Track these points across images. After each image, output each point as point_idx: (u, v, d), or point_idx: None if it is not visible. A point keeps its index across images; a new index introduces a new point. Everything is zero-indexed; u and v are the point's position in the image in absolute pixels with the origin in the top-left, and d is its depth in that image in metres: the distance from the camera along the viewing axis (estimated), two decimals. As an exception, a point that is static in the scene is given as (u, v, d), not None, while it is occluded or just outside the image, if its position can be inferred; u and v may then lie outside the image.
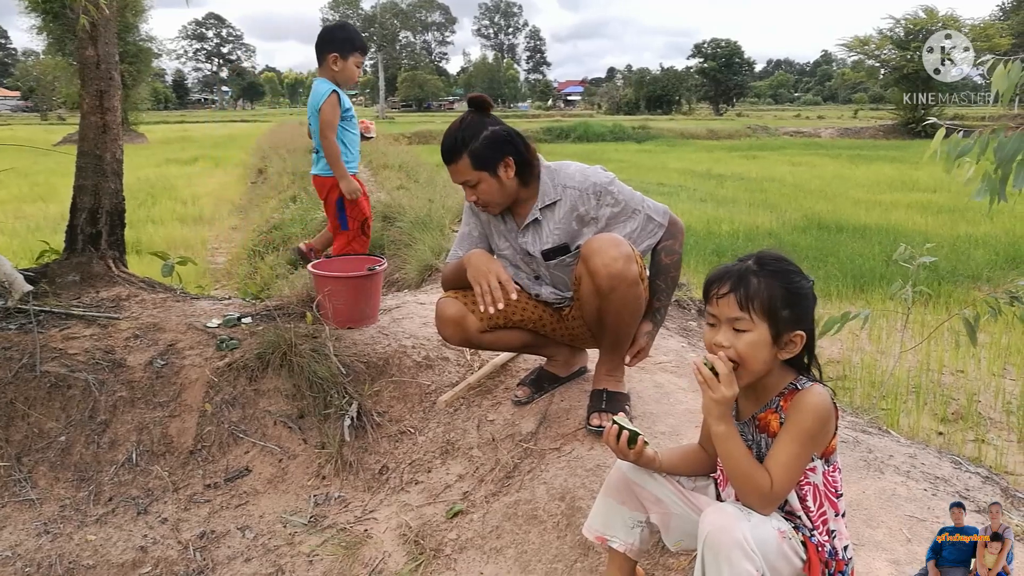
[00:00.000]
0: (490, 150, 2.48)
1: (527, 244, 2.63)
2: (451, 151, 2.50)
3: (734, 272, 1.53)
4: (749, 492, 1.49)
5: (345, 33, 3.94)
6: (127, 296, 3.98)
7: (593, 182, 2.52)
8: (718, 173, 16.92)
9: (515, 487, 2.61)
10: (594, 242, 2.39)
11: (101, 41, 4.08)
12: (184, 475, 3.04)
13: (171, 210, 11.82)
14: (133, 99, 29.03)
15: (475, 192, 2.54)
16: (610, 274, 2.34)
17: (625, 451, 1.64)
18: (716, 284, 1.54)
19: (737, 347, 1.51)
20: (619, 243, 2.38)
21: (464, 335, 2.71)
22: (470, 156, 2.47)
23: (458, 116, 2.55)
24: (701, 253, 7.82)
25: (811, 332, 1.54)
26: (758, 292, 1.49)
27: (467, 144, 2.47)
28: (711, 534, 1.43)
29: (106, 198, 4.17)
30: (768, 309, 1.49)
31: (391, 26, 74.86)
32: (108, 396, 3.18)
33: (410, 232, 6.19)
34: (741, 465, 1.49)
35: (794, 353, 1.53)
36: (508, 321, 2.72)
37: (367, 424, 3.15)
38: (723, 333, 1.53)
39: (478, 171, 2.49)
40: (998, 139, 2.64)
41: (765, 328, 1.49)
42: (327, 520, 2.83)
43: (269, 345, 3.33)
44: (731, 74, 69.66)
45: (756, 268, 1.52)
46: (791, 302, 1.50)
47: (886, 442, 2.65)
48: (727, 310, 1.52)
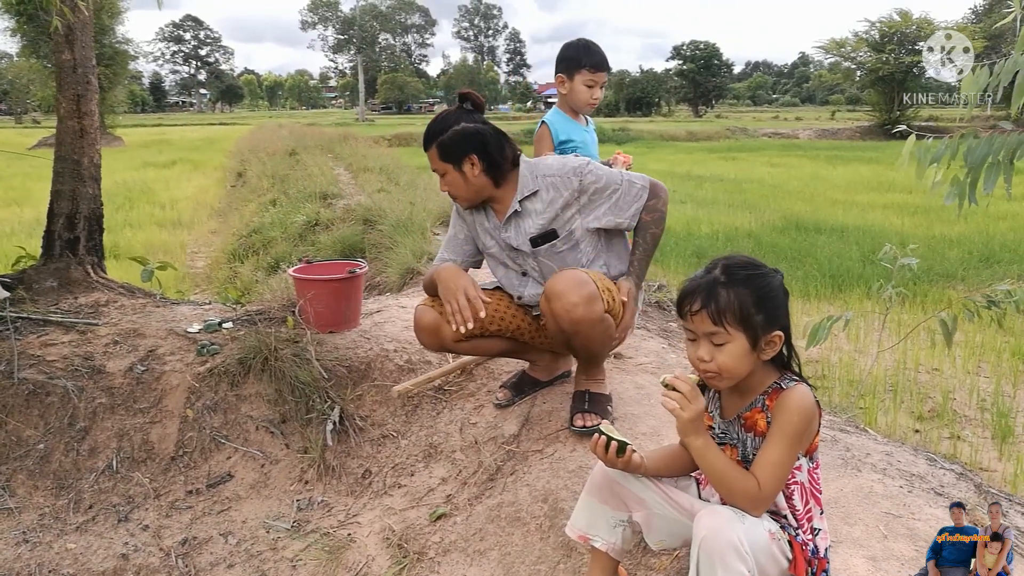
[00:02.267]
0: (456, 145, 2.54)
1: (510, 238, 2.64)
2: (425, 139, 2.60)
3: (702, 286, 1.54)
4: (736, 499, 1.50)
5: (571, 50, 3.21)
6: (106, 302, 3.95)
7: (572, 166, 2.58)
8: (697, 175, 17.02)
9: (498, 489, 2.62)
10: (557, 283, 2.38)
11: (78, 44, 4.05)
12: (165, 481, 3.03)
13: (149, 214, 11.72)
14: (109, 102, 28.72)
15: (443, 182, 2.63)
16: (572, 319, 2.36)
17: (614, 461, 1.66)
18: (687, 301, 1.56)
19: (718, 360, 1.53)
20: (581, 284, 2.36)
21: (440, 343, 2.71)
22: (438, 147, 2.57)
23: (440, 111, 2.66)
24: (681, 254, 7.87)
25: (787, 327, 1.56)
26: (729, 304, 1.51)
27: (437, 135, 2.56)
28: (707, 537, 1.44)
29: (84, 203, 4.14)
30: (742, 319, 1.51)
31: (371, 28, 74.64)
32: (87, 403, 3.15)
33: (391, 235, 6.18)
34: (724, 476, 1.51)
35: (775, 351, 1.55)
36: (484, 331, 2.72)
37: (349, 428, 3.15)
38: (703, 348, 1.55)
39: (443, 162, 2.57)
40: (967, 143, 2.70)
41: (742, 337, 1.52)
42: (310, 525, 2.83)
43: (250, 350, 3.32)
44: (710, 76, 70.04)
45: (724, 279, 1.53)
46: (763, 306, 1.52)
47: (863, 440, 2.69)
48: (702, 326, 1.54)
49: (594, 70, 3.16)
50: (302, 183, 11.06)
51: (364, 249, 6.48)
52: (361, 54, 71.64)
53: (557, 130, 3.21)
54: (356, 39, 72.37)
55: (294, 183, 11.41)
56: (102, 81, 26.30)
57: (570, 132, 3.24)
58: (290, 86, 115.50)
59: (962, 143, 2.71)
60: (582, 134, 3.28)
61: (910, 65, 34.63)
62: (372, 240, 6.54)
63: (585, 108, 3.24)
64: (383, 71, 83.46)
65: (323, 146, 17.64)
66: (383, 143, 22.98)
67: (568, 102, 3.24)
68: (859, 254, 7.71)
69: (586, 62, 3.15)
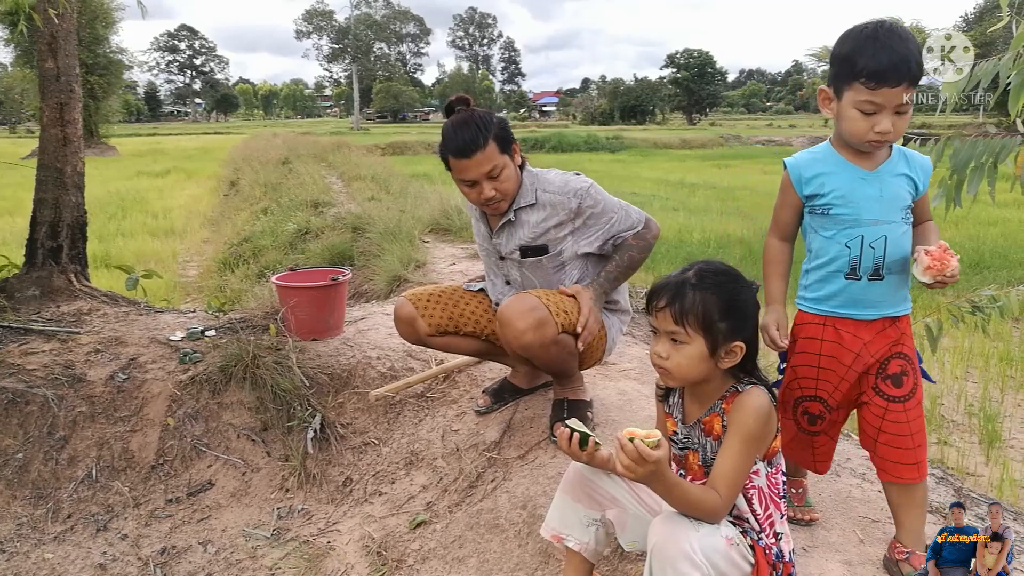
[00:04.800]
0: (506, 132, 2.47)
1: (500, 245, 2.63)
2: (475, 139, 2.37)
3: (672, 285, 1.54)
4: (700, 516, 1.49)
5: (847, 44, 1.80)
6: (89, 310, 3.93)
7: (573, 187, 2.51)
8: (691, 182, 17.06)
9: (478, 496, 2.60)
10: (506, 310, 2.37)
11: (61, 53, 4.05)
12: (145, 490, 3.01)
13: (142, 223, 11.68)
14: (104, 111, 28.68)
15: (497, 182, 2.44)
16: (522, 345, 2.36)
17: (577, 453, 1.64)
18: (655, 296, 1.56)
19: (674, 358, 1.54)
20: (530, 310, 2.34)
21: (416, 335, 2.73)
22: (496, 140, 2.40)
23: (456, 116, 2.46)
24: (672, 261, 7.87)
25: (752, 340, 1.56)
26: (693, 306, 1.50)
27: (489, 128, 2.39)
28: (658, 544, 1.45)
29: (67, 211, 4.13)
30: (703, 323, 1.51)
31: (365, 38, 74.81)
32: (67, 412, 3.13)
33: (379, 243, 6.18)
34: (689, 506, 1.48)
35: (734, 363, 1.54)
36: (458, 328, 2.72)
37: (331, 436, 3.14)
38: (661, 344, 1.56)
39: (503, 154, 2.44)
40: (952, 146, 2.72)
41: (701, 341, 1.51)
42: (290, 533, 2.81)
43: (232, 358, 3.31)
44: (704, 84, 70.38)
45: (695, 281, 1.53)
46: (729, 314, 1.51)
47: (844, 445, 2.68)
48: (664, 323, 1.54)
49: (878, 82, 1.71)
50: (294, 192, 11.06)
51: (353, 257, 6.47)
52: (356, 63, 71.74)
53: (801, 173, 1.91)
54: (351, 48, 72.49)
55: (286, 192, 11.41)
56: (96, 90, 26.43)
57: (829, 179, 1.87)
58: (285, 95, 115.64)
59: (948, 146, 2.74)
60: (853, 183, 1.85)
61: (902, 72, 34.74)
62: (361, 248, 6.54)
63: (860, 144, 1.83)
64: (378, 80, 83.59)
65: (317, 155, 17.66)
66: (377, 152, 23.03)
67: (840, 130, 1.87)
68: (850, 260, 7.71)
69: (862, 68, 1.72)
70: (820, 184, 1.87)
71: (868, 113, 1.74)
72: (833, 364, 1.88)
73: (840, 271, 1.85)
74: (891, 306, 1.86)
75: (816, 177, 1.88)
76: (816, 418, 1.94)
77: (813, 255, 1.91)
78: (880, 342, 1.85)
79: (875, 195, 1.83)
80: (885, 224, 1.82)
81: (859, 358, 1.84)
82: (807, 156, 1.93)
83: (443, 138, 2.46)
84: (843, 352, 1.86)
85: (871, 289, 1.83)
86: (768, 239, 2.01)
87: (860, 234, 1.82)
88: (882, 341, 1.85)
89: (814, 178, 1.88)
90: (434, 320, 2.69)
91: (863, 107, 1.74)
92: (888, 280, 1.83)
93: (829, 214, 1.85)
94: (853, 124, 1.77)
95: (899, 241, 1.83)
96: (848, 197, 1.84)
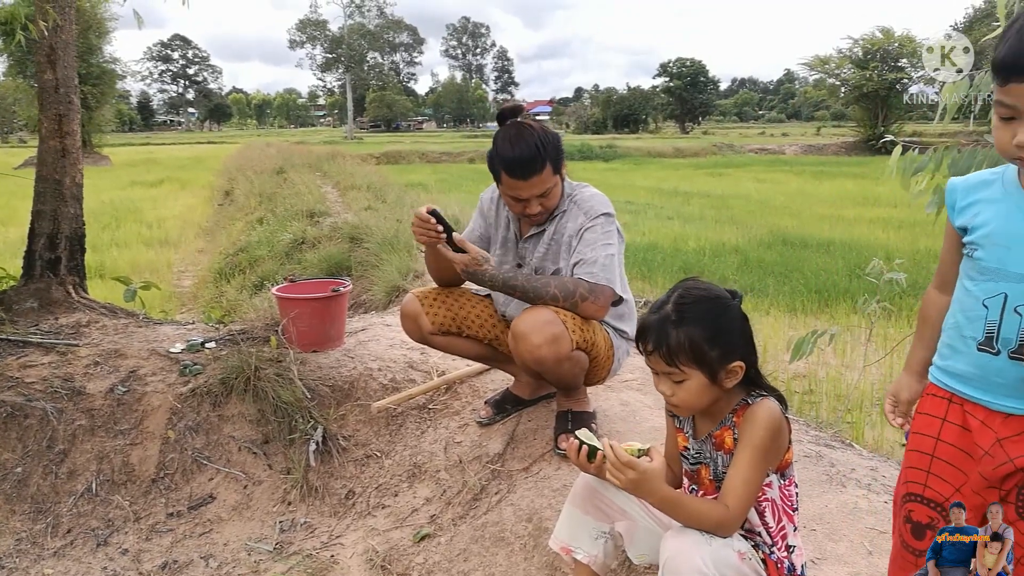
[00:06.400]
0: (560, 152, 2.46)
1: (526, 251, 2.63)
2: (533, 162, 2.36)
3: (654, 327, 1.53)
4: (707, 528, 1.49)
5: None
6: (87, 322, 3.91)
7: (599, 210, 2.49)
8: (684, 191, 17.11)
9: (482, 509, 2.59)
10: (522, 323, 2.34)
11: (60, 64, 4.04)
12: (146, 504, 2.99)
13: (136, 233, 11.65)
14: (97, 121, 28.61)
15: (545, 200, 2.45)
16: (536, 359, 2.35)
17: (586, 465, 1.64)
18: (641, 340, 1.56)
19: (679, 395, 1.54)
20: (546, 324, 2.30)
21: (419, 332, 2.73)
22: (551, 162, 2.40)
23: (514, 131, 2.40)
24: (668, 270, 7.88)
25: (749, 355, 1.55)
26: (681, 346, 1.49)
27: (547, 151, 2.38)
28: (670, 559, 1.45)
29: (65, 223, 4.11)
30: (695, 359, 1.50)
31: (359, 47, 74.85)
32: (67, 425, 3.11)
33: (377, 253, 6.17)
34: (691, 518, 1.49)
35: (737, 380, 1.54)
36: (461, 330, 2.73)
37: (333, 448, 3.12)
38: (664, 383, 1.56)
39: (556, 175, 2.45)
40: (951, 155, 2.74)
41: (699, 374, 1.51)
42: (293, 546, 2.79)
43: (233, 370, 3.30)
44: (696, 93, 70.61)
45: (675, 318, 1.51)
46: (717, 341, 1.50)
47: (848, 456, 2.68)
48: (658, 366, 1.55)
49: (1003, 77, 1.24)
50: (289, 201, 11.04)
51: (350, 267, 6.46)
52: (349, 72, 71.76)
53: (957, 198, 1.42)
54: (344, 58, 72.48)
55: (281, 201, 11.39)
56: (89, 100, 26.34)
57: (985, 209, 1.36)
58: (278, 104, 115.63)
59: (946, 155, 2.76)
60: (1011, 216, 1.32)
61: (893, 82, 35.01)
62: (358, 258, 6.52)
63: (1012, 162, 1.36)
64: (371, 89, 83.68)
65: (311, 164, 17.63)
66: (371, 161, 23.00)
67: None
68: (845, 268, 7.74)
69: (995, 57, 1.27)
70: (974, 214, 1.36)
71: (1005, 119, 1.24)
72: (955, 456, 1.36)
73: (973, 337, 1.33)
74: None
75: (973, 205, 1.36)
76: (924, 529, 1.40)
77: (951, 311, 1.40)
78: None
79: None
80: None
81: (989, 458, 1.31)
82: (976, 177, 1.40)
83: (497, 152, 2.42)
84: (970, 444, 1.34)
85: (1010, 371, 1.28)
86: (928, 288, 1.57)
87: (1003, 292, 1.28)
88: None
89: (970, 206, 1.37)
90: (438, 319, 2.69)
91: (998, 110, 1.26)
92: None
93: (974, 257, 1.34)
94: (994, 133, 1.28)
95: None
96: (997, 236, 1.30)
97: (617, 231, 2.53)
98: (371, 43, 78.08)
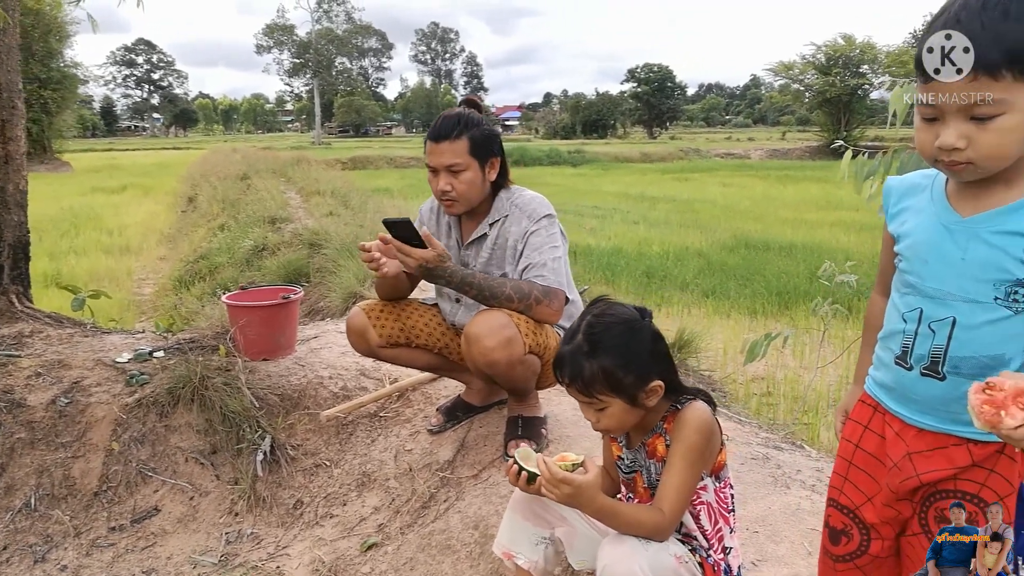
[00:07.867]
0: (489, 142, 2.47)
1: (469, 257, 2.60)
2: (451, 128, 2.41)
3: (568, 360, 1.52)
4: (644, 534, 1.49)
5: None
6: (31, 332, 3.82)
7: (541, 212, 2.50)
8: (651, 195, 17.23)
9: (431, 517, 2.56)
10: (475, 326, 2.33)
11: (3, 68, 3.94)
12: (87, 518, 2.91)
13: (96, 240, 11.43)
14: (57, 126, 28.12)
15: (455, 181, 2.44)
16: (489, 362, 2.33)
17: (526, 488, 1.65)
18: (559, 373, 1.56)
19: (602, 421, 1.55)
20: (500, 327, 2.30)
21: (367, 346, 2.69)
22: (470, 139, 2.42)
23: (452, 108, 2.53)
24: (632, 274, 7.92)
25: (665, 372, 1.54)
26: (595, 377, 1.49)
27: (469, 127, 2.42)
28: (607, 567, 1.45)
29: (9, 231, 4.01)
30: (611, 387, 1.50)
31: (327, 52, 74.51)
32: (5, 438, 3.02)
33: (335, 259, 6.11)
34: (629, 525, 1.50)
35: (659, 397, 1.54)
36: (410, 340, 2.69)
37: (281, 458, 3.07)
38: (588, 411, 1.56)
39: (471, 157, 2.43)
40: (900, 158, 2.77)
41: (618, 400, 1.51)
42: (238, 558, 2.74)
43: (180, 379, 3.23)
44: (664, 98, 71.21)
45: (587, 348, 1.50)
46: (630, 367, 1.49)
47: (796, 457, 2.69)
48: (578, 396, 1.55)
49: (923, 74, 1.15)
50: (252, 207, 10.91)
51: (309, 274, 6.39)
52: (317, 77, 71.33)
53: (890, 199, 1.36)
54: (312, 63, 72.09)
55: (244, 208, 11.25)
56: (49, 105, 25.90)
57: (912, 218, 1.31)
58: (246, 110, 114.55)
59: (895, 158, 2.79)
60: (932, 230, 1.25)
61: (855, 87, 35.62)
62: (317, 264, 6.46)
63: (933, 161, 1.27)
64: (340, 94, 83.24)
65: (276, 170, 17.48)
66: (338, 166, 22.89)
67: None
68: (806, 271, 7.83)
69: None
70: (902, 221, 1.30)
71: (927, 119, 1.16)
72: (870, 465, 1.34)
73: (891, 350, 1.29)
74: (959, 423, 1.20)
75: (903, 212, 1.31)
76: (839, 535, 1.39)
77: (885, 320, 1.34)
78: (935, 462, 1.24)
79: (954, 255, 1.19)
80: (959, 302, 1.19)
81: (896, 470, 1.28)
82: (912, 178, 1.32)
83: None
84: (883, 452, 1.31)
85: (921, 387, 1.24)
86: (872, 294, 1.49)
87: (919, 307, 1.24)
88: (939, 462, 1.24)
89: (900, 212, 1.31)
90: (385, 331, 2.66)
91: (921, 110, 1.17)
92: (953, 383, 1.20)
93: (900, 268, 1.29)
94: (916, 135, 1.19)
95: (980, 333, 1.17)
96: (918, 248, 1.25)
97: (560, 232, 2.53)
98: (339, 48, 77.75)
